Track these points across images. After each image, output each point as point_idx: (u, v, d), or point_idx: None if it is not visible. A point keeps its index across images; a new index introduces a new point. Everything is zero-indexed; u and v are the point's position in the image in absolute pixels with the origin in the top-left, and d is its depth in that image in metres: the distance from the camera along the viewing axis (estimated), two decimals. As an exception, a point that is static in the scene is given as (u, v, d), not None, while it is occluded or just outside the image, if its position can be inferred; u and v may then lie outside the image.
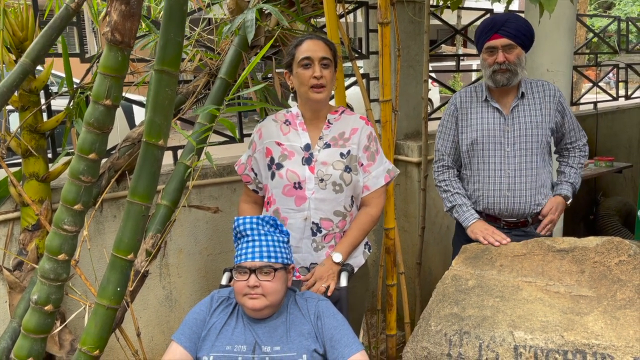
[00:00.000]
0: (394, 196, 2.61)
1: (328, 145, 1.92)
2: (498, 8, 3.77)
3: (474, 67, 10.84)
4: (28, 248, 2.14)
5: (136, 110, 5.22)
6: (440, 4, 3.36)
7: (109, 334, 1.79)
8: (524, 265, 1.90)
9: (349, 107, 2.18)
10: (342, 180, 1.89)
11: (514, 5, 3.51)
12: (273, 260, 1.60)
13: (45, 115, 2.28)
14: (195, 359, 1.61)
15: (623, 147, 5.08)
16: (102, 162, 1.95)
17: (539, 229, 2.25)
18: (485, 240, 2.09)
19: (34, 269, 2.10)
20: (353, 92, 3.13)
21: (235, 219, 1.66)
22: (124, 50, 1.56)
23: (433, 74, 3.80)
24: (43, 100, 2.24)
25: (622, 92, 5.29)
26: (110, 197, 2.40)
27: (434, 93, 10.40)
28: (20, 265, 2.15)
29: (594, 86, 5.01)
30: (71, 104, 2.30)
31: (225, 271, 1.95)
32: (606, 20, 8.92)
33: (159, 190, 2.09)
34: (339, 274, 1.88)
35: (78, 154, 1.64)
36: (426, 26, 3.02)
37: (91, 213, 2.26)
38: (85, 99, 2.30)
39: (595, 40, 6.11)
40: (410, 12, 3.27)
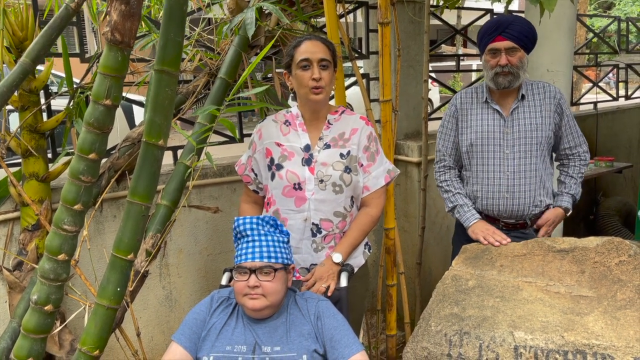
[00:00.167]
0: (394, 196, 2.61)
1: (328, 146, 1.92)
2: (498, 8, 3.77)
3: (474, 67, 10.85)
4: (28, 248, 2.14)
5: (136, 110, 5.23)
6: (440, 3, 3.36)
7: (109, 334, 1.79)
8: (524, 266, 1.89)
9: (349, 107, 2.18)
10: (342, 181, 1.89)
11: (514, 5, 3.51)
12: (273, 260, 1.60)
13: (45, 115, 2.28)
14: (195, 359, 1.61)
15: (623, 147, 5.08)
16: (102, 162, 1.95)
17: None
18: (486, 241, 2.09)
19: (34, 269, 2.10)
20: (353, 92, 3.13)
21: (235, 219, 1.66)
22: (124, 50, 1.56)
23: (433, 74, 3.80)
24: (43, 100, 2.24)
25: (622, 92, 5.29)
26: (110, 197, 2.40)
27: (434, 93, 10.41)
28: (20, 265, 2.15)
29: (594, 86, 5.01)
30: (71, 103, 2.30)
31: (225, 271, 1.94)
32: (606, 20, 8.92)
33: (159, 190, 2.09)
34: (339, 274, 1.88)
35: (78, 154, 1.64)
36: (426, 26, 3.01)
37: (91, 213, 2.26)
38: (85, 99, 2.30)
39: (595, 40, 6.11)
40: (411, 12, 3.26)
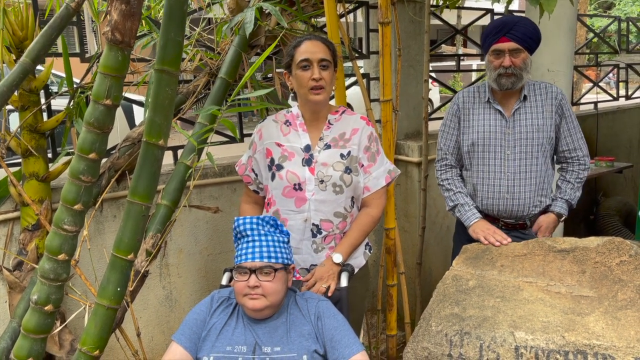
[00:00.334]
0: (395, 196, 2.61)
1: (328, 146, 1.91)
2: (498, 8, 3.77)
3: (474, 67, 10.85)
4: (28, 248, 2.14)
5: (136, 110, 5.23)
6: (440, 3, 3.36)
7: (109, 334, 1.79)
8: (524, 266, 1.89)
9: (349, 107, 2.17)
10: (343, 181, 1.88)
11: (514, 5, 3.51)
12: (273, 260, 1.60)
13: (45, 115, 2.28)
14: (196, 359, 1.61)
15: (623, 147, 5.08)
16: (102, 162, 1.95)
17: None
18: (486, 240, 2.08)
19: (34, 269, 2.10)
20: (353, 92, 3.12)
21: (235, 219, 1.66)
22: (124, 49, 1.56)
23: (433, 74, 3.80)
24: (43, 100, 2.24)
25: (623, 92, 5.29)
26: (110, 197, 2.40)
27: (434, 93, 10.40)
28: (20, 265, 2.14)
29: (595, 86, 5.01)
30: (71, 103, 2.30)
31: (225, 271, 1.94)
32: (606, 20, 8.93)
33: (159, 190, 2.09)
34: (339, 275, 1.88)
35: (78, 153, 1.64)
36: (427, 26, 3.01)
37: (91, 213, 2.26)
38: (85, 99, 2.30)
39: (595, 40, 6.11)
40: (411, 12, 3.26)
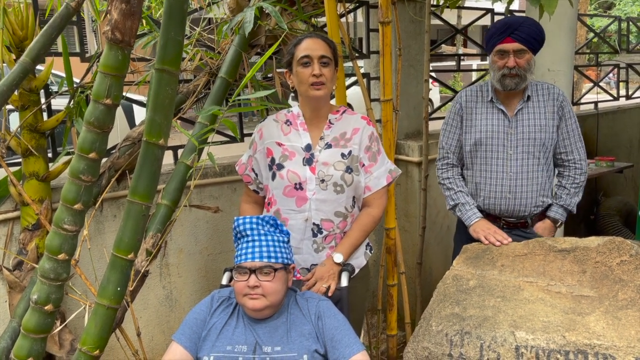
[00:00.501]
0: (395, 196, 2.61)
1: (329, 146, 1.91)
2: (499, 8, 3.76)
3: (474, 67, 10.85)
4: (28, 248, 2.14)
5: (136, 110, 5.23)
6: (440, 3, 3.36)
7: (109, 334, 1.79)
8: (525, 265, 1.89)
9: (350, 107, 2.17)
10: (343, 181, 1.88)
11: (514, 5, 3.50)
12: (273, 260, 1.60)
13: (45, 115, 2.28)
14: (196, 359, 1.61)
15: (624, 147, 5.08)
16: (103, 162, 1.95)
17: None
18: (486, 240, 2.08)
19: (34, 268, 2.10)
20: (354, 92, 3.12)
21: (235, 219, 1.65)
22: (124, 49, 1.56)
23: (433, 74, 3.80)
24: (43, 100, 2.24)
25: (623, 92, 5.29)
26: (110, 197, 2.40)
27: (435, 93, 10.41)
28: (20, 264, 2.14)
29: (595, 86, 5.01)
30: (71, 103, 2.30)
31: (225, 271, 1.94)
32: (606, 20, 8.93)
33: (159, 189, 2.09)
34: (340, 274, 1.88)
35: (78, 153, 1.64)
36: (427, 26, 3.01)
37: (91, 213, 2.26)
38: (85, 98, 2.30)
39: (595, 40, 6.11)
40: (411, 12, 3.26)
